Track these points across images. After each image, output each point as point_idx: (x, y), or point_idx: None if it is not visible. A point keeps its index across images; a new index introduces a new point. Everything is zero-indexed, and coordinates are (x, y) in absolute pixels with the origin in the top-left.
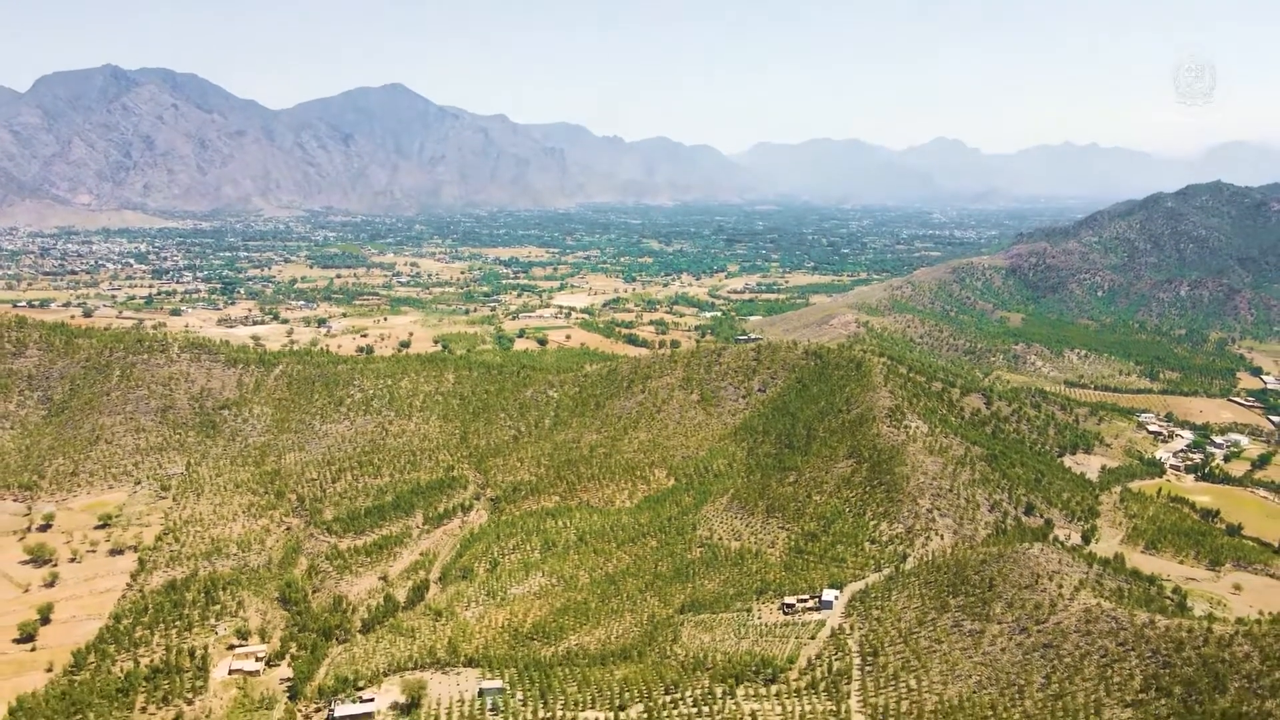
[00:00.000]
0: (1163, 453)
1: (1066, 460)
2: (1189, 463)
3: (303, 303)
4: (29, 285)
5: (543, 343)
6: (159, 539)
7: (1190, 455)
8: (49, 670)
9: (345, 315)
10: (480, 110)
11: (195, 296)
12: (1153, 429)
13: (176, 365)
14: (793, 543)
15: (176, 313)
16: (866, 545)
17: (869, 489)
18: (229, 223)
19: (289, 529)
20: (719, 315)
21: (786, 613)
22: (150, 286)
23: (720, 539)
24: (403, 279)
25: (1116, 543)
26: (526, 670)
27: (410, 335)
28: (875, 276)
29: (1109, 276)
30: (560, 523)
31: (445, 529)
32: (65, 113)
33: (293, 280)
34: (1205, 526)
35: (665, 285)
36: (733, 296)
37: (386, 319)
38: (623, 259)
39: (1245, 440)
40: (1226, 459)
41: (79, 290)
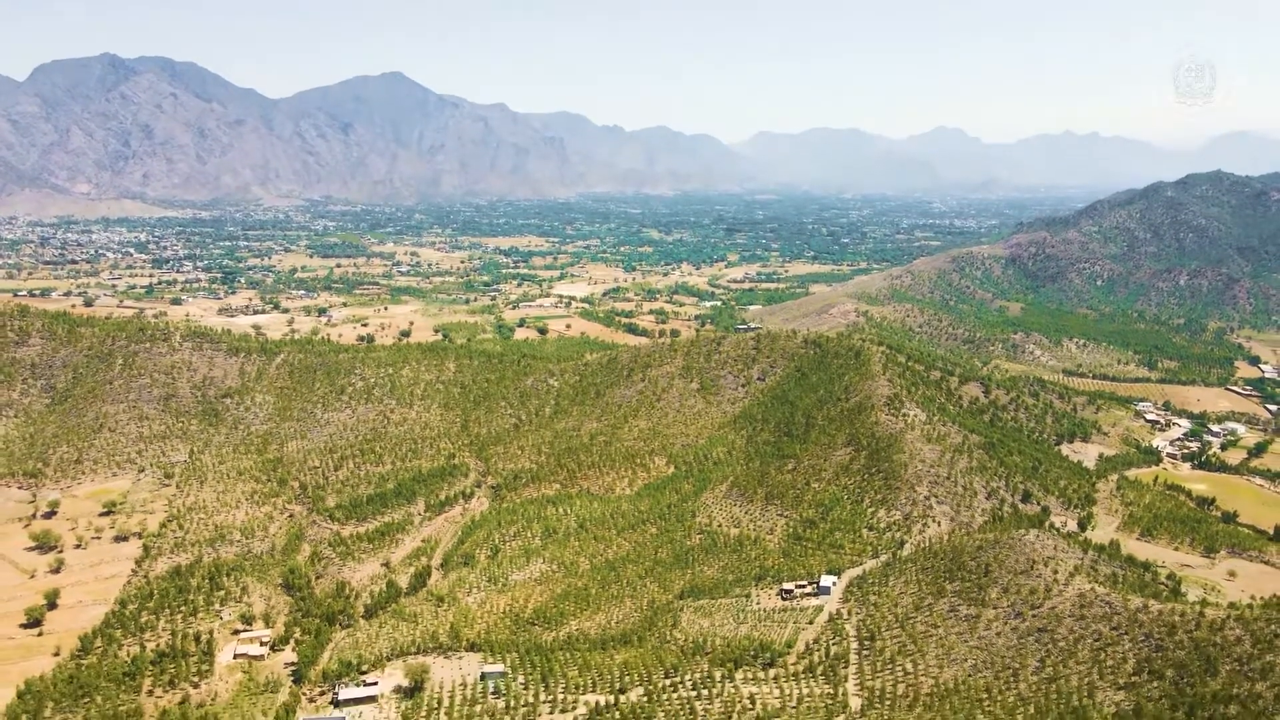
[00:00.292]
0: (1160, 441)
1: (1064, 448)
2: (1186, 451)
3: (303, 292)
4: (29, 275)
5: (543, 332)
6: (163, 526)
7: (1187, 443)
8: (56, 654)
9: (346, 304)
10: (480, 99)
11: (196, 286)
12: (1150, 417)
13: (179, 354)
14: (791, 529)
15: (177, 302)
16: (864, 532)
17: (867, 476)
18: (228, 212)
19: (292, 516)
20: (719, 304)
21: (785, 598)
22: (150, 276)
23: (719, 526)
24: (403, 268)
25: (1113, 530)
26: (528, 655)
27: (411, 324)
28: (875, 266)
29: (1108, 266)
30: (561, 510)
31: (447, 516)
32: (64, 101)
33: (293, 269)
34: (1201, 514)
35: (665, 275)
36: (732, 286)
37: (387, 308)
38: (623, 248)
39: (1242, 429)
40: (1223, 447)
41: (79, 280)
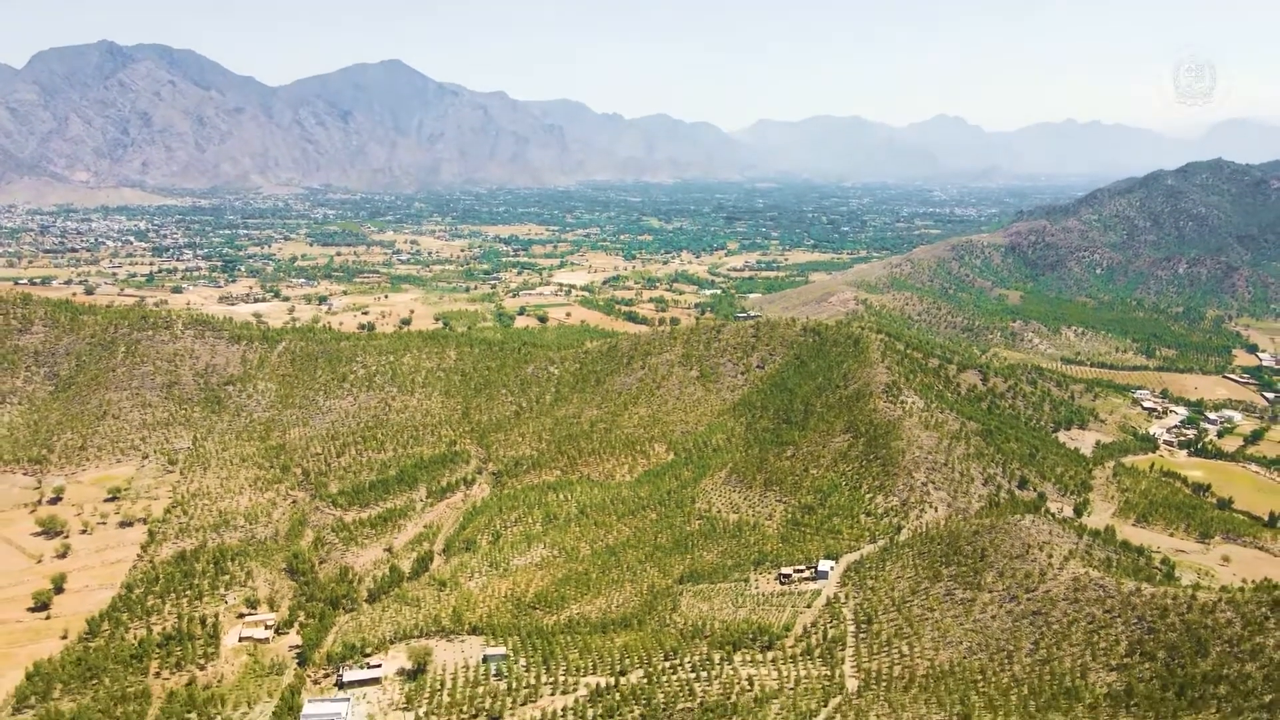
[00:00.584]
0: (1157, 428)
1: (1061, 436)
2: (1182, 438)
3: (303, 280)
4: (30, 263)
5: (543, 320)
6: (168, 511)
7: (1184, 431)
8: (64, 637)
9: (346, 293)
10: (479, 87)
11: (196, 274)
12: (1147, 405)
13: (181, 342)
14: (790, 515)
15: (178, 290)
16: (862, 517)
17: (865, 463)
18: (228, 200)
19: (295, 502)
20: (719, 293)
21: (783, 583)
22: (151, 264)
23: (719, 512)
24: (403, 256)
25: (1108, 516)
26: (529, 638)
27: (411, 312)
28: (875, 254)
29: (1108, 254)
30: (561, 496)
31: (448, 502)
32: (62, 89)
33: (293, 258)
34: (1196, 500)
35: (665, 263)
36: (732, 274)
37: (387, 296)
38: (623, 236)
39: (1239, 416)
40: (1220, 434)
41: (80, 268)
